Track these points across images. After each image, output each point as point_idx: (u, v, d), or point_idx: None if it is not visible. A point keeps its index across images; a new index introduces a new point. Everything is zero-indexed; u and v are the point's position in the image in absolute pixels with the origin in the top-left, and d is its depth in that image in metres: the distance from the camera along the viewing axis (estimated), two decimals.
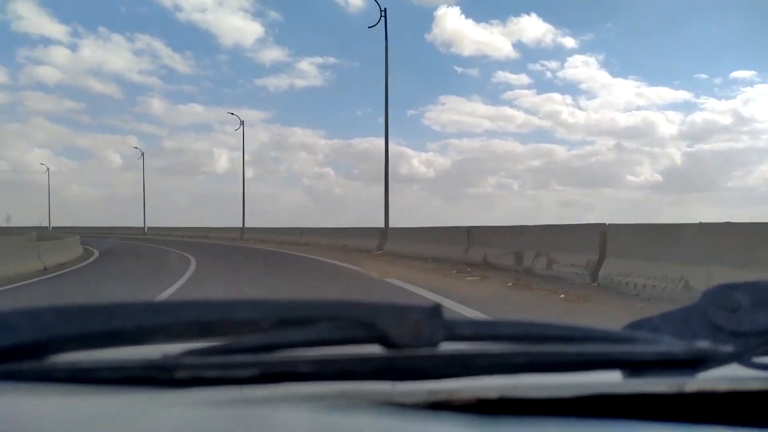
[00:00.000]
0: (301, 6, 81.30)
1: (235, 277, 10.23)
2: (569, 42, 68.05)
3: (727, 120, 67.18)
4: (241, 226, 33.80)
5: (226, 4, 75.35)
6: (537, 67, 72.25)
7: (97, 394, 0.50)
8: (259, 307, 0.56)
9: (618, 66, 75.71)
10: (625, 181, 69.61)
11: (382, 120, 19.60)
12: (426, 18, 79.02)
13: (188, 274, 10.16)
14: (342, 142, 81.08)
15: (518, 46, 75.80)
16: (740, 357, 0.61)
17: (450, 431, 0.47)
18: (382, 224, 18.45)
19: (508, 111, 73.49)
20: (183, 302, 0.55)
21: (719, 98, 67.50)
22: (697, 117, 68.35)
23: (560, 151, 74.80)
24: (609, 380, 0.59)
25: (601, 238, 7.96)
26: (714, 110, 65.93)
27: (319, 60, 78.25)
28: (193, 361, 0.52)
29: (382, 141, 19.53)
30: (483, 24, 73.99)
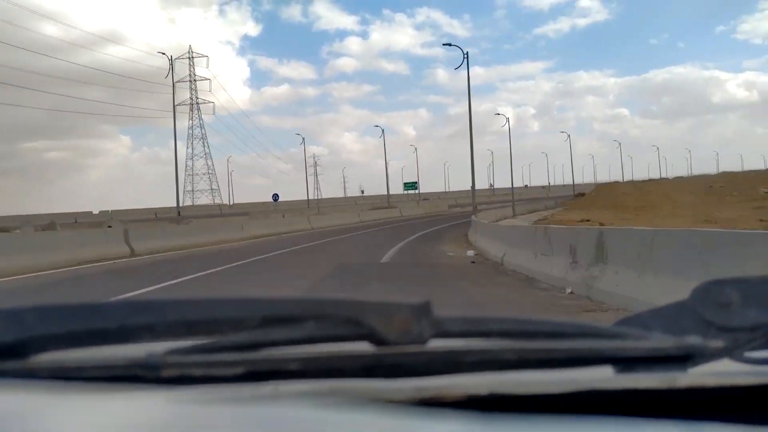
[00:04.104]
0: None
1: None
2: None
3: None
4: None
5: None
6: None
7: (81, 392, 0.49)
8: (244, 305, 0.56)
9: None
10: None
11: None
12: None
13: None
14: (635, 78, 79.83)
15: None
16: (730, 352, 0.61)
17: (440, 428, 0.46)
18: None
19: None
20: (167, 300, 0.55)
21: None
22: None
23: None
24: (599, 376, 0.59)
25: None
26: None
27: None
28: (179, 359, 0.51)
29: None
30: None
